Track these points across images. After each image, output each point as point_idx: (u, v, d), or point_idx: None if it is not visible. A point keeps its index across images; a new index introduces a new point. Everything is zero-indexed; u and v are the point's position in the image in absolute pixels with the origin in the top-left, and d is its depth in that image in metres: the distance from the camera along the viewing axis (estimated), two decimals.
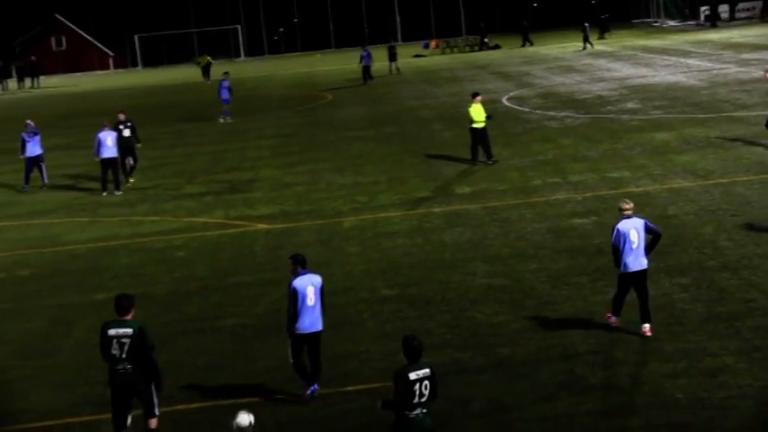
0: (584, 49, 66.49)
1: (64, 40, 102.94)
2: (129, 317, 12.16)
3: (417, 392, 10.44)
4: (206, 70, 69.31)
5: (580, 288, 17.22)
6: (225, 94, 43.66)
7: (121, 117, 30.14)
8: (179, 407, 13.58)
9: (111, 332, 12.04)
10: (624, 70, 51.33)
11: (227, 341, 16.11)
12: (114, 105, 53.80)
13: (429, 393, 10.53)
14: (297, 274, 13.49)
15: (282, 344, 14.01)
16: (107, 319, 12.54)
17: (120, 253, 22.39)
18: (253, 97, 54.34)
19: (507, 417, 12.67)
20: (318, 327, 13.52)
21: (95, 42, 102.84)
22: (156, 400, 12.34)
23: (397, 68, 61.60)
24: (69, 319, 17.90)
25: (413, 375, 10.50)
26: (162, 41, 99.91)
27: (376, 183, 27.71)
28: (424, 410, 10.54)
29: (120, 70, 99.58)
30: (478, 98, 29.30)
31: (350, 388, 13.74)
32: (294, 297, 13.32)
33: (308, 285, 13.42)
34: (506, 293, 17.30)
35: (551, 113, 37.89)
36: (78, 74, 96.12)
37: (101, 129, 29.13)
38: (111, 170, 28.88)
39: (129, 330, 12.00)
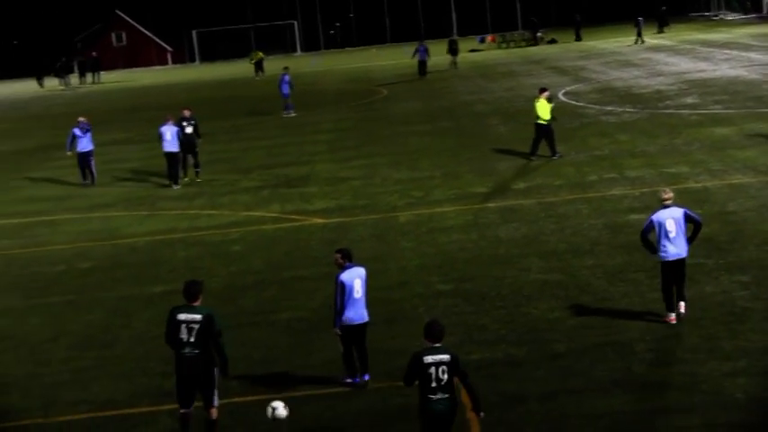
0: (637, 43, 65.85)
1: (124, 35, 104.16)
2: (198, 303, 12.39)
3: (434, 376, 10.56)
4: (259, 66, 69.49)
5: (637, 284, 17.08)
6: (285, 89, 43.82)
7: (186, 113, 30.13)
8: (235, 399, 13.70)
9: (181, 317, 12.28)
10: (683, 64, 50.77)
11: (282, 335, 16.21)
12: (173, 100, 54.39)
13: (448, 379, 10.62)
14: (344, 268, 13.57)
15: (335, 338, 14.09)
16: (165, 311, 12.67)
17: (178, 246, 22.62)
18: (309, 92, 54.52)
19: (562, 413, 12.61)
20: (366, 318, 13.72)
21: (154, 38, 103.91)
22: (216, 391, 12.47)
23: (455, 63, 61.32)
24: (128, 312, 18.12)
25: (428, 359, 10.64)
26: (219, 37, 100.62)
27: (431, 177, 27.69)
28: (445, 395, 10.65)
29: (177, 65, 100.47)
30: (545, 93, 29.05)
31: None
32: (342, 290, 13.47)
33: (356, 278, 13.57)
34: (562, 289, 17.20)
35: (608, 108, 37.58)
36: (137, 69, 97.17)
37: (163, 122, 29.53)
38: (170, 164, 29.23)
39: (198, 316, 12.23)
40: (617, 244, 19.58)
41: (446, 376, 10.63)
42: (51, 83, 79.39)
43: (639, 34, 66.59)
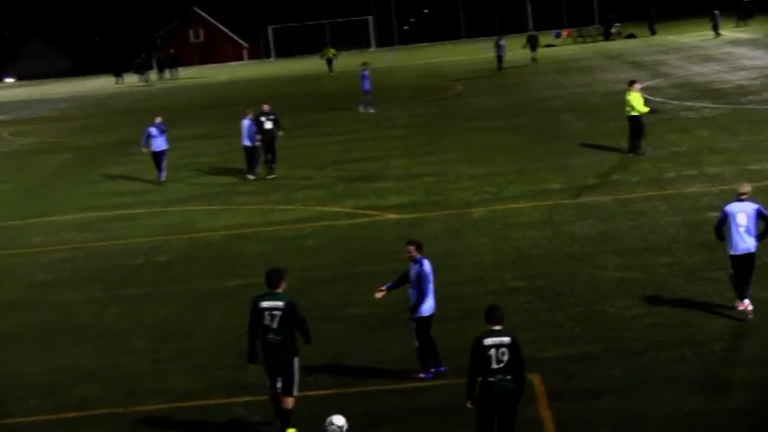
0: (714, 37, 64.81)
1: (201, 32, 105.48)
2: (280, 290, 12.65)
3: (494, 358, 10.77)
4: (330, 62, 69.73)
5: (716, 283, 16.81)
6: (367, 85, 43.64)
7: (265, 108, 30.22)
8: (309, 393, 13.79)
9: (264, 304, 12.54)
10: (766, 59, 49.80)
11: (355, 329, 16.27)
12: (249, 96, 54.90)
13: (509, 361, 10.81)
14: (418, 260, 13.70)
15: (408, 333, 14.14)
16: (240, 305, 12.82)
17: (252, 241, 22.83)
18: (383, 88, 54.61)
19: (639, 412, 12.46)
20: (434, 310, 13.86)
21: (231, 34, 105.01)
22: (296, 378, 12.65)
23: (535, 58, 61.10)
24: (204, 305, 18.34)
25: (488, 341, 10.85)
26: (294, 32, 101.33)
27: (505, 174, 27.56)
28: (507, 377, 10.83)
29: (253, 61, 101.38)
30: (636, 85, 28.64)
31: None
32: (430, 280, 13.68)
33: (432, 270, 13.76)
34: (639, 287, 17.00)
35: (688, 104, 37.03)
36: (214, 65, 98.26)
37: (243, 117, 29.85)
38: (246, 157, 29.56)
39: (281, 303, 12.52)
40: (695, 242, 19.30)
41: (506, 358, 10.82)
42: (130, 79, 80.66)
43: (715, 28, 65.53)
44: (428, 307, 13.81)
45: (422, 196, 25.82)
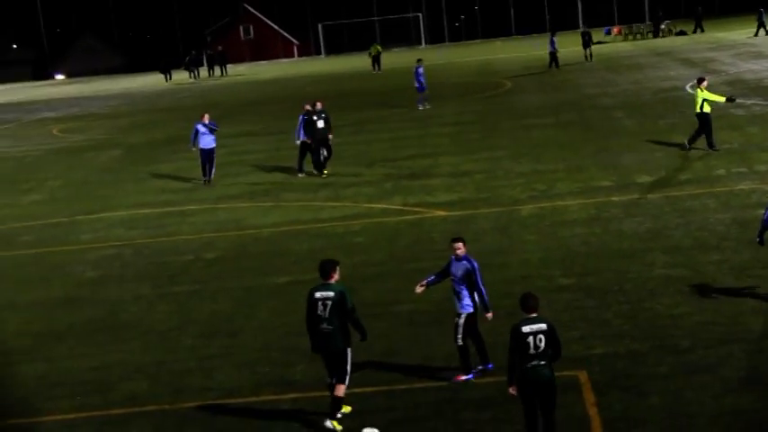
0: (757, 35, 63.99)
1: (251, 29, 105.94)
2: (332, 280, 12.97)
3: (532, 345, 11.09)
4: (376, 60, 69.17)
5: (765, 281, 16.61)
6: (421, 81, 43.11)
7: (318, 106, 29.94)
8: (356, 390, 13.83)
9: (317, 295, 12.88)
10: None
11: (403, 326, 16.29)
12: (298, 93, 55.13)
13: (545, 346, 11.12)
14: (465, 257, 13.75)
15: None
16: (288, 302, 12.90)
17: (301, 237, 22.93)
18: (433, 85, 54.51)
19: (687, 411, 12.36)
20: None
21: (281, 31, 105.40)
22: (348, 368, 12.86)
23: (590, 55, 59.47)
24: (252, 302, 18.45)
25: (526, 329, 11.17)
26: (344, 29, 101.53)
27: (554, 171, 27.43)
28: (542, 362, 11.14)
29: (303, 58, 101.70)
30: (705, 83, 28.27)
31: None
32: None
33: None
34: (687, 285, 16.85)
35: (738, 101, 36.60)
36: (264, 62, 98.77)
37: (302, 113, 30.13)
38: (301, 153, 29.88)
39: (332, 293, 12.83)
40: (745, 239, 19.07)
41: (543, 344, 11.13)
42: (181, 76, 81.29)
43: (762, 26, 64.74)
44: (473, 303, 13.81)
45: (470, 193, 25.78)
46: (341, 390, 12.85)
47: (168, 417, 13.69)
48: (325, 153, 30.01)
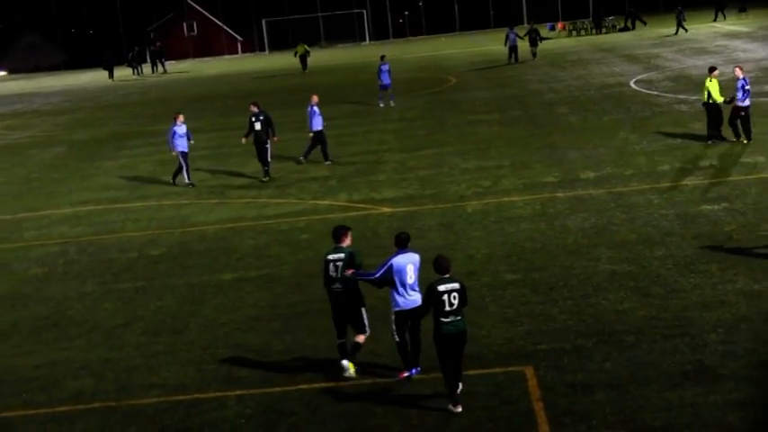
0: (677, 34, 65.04)
1: (195, 25, 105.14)
2: (343, 244, 14.16)
3: (447, 302, 12.49)
4: (303, 60, 67.59)
5: (709, 276, 16.84)
6: (386, 78, 42.34)
7: (253, 109, 28.86)
8: (302, 386, 13.81)
9: (330, 257, 14.09)
10: (761, 51, 49.83)
11: None
12: (242, 89, 54.82)
13: (459, 303, 12.56)
14: (397, 253, 13.69)
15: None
16: (234, 298, 12.81)
17: (246, 234, 22.82)
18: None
19: (631, 405, 12.48)
20: (417, 303, 13.57)
21: (225, 27, 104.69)
22: (365, 321, 14.17)
23: (536, 53, 57.86)
24: (198, 299, 18.33)
25: (441, 288, 12.55)
26: (289, 26, 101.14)
27: (499, 167, 27.56)
28: (458, 317, 12.60)
29: (247, 54, 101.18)
30: (716, 72, 28.35)
31: (471, 372, 13.71)
32: (391, 273, 13.59)
33: (409, 263, 13.60)
34: (632, 280, 17.02)
35: (682, 97, 37.06)
36: (208, 58, 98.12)
37: (308, 104, 30.49)
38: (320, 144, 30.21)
39: (342, 255, 14.04)
40: (689, 235, 19.32)
41: (457, 301, 12.54)
42: (124, 72, 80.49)
43: (680, 24, 65.93)
44: (398, 302, 13.66)
45: (416, 190, 25.82)
46: (361, 338, 14.12)
47: (114, 413, 13.57)
48: (263, 159, 28.64)
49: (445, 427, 12.30)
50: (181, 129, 29.18)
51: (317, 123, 30.26)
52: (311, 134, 30.50)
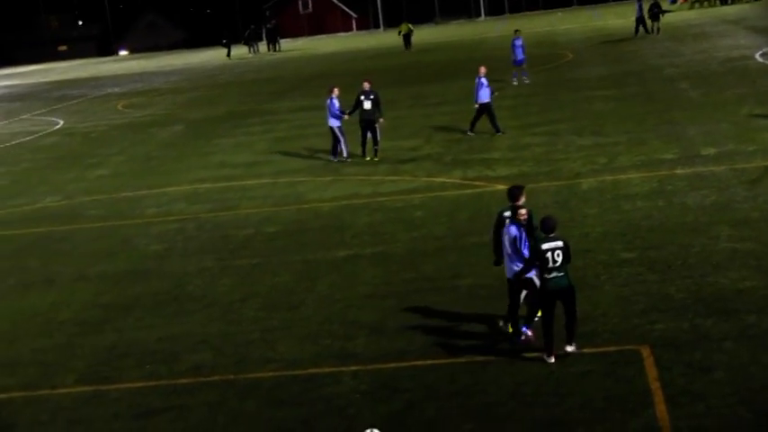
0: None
1: (309, 2, 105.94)
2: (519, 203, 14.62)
3: (551, 259, 13.20)
4: (407, 39, 66.39)
5: None
6: (519, 54, 41.27)
7: (366, 86, 28.41)
8: (417, 363, 13.87)
9: (506, 214, 14.66)
10: None
11: (463, 301, 16.25)
12: (356, 67, 55.08)
13: (562, 260, 13.27)
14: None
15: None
16: (348, 275, 12.84)
17: (361, 212, 22.97)
18: (494, 57, 54.23)
19: (751, 386, 12.19)
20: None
21: (339, 4, 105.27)
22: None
23: (658, 29, 56.13)
24: (313, 275, 18.54)
25: (545, 246, 13.28)
26: (403, 2, 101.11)
27: (616, 144, 27.14)
28: (560, 274, 13.28)
29: (362, 32, 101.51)
30: None
31: (586, 350, 13.59)
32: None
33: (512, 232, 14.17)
34: (754, 259, 16.59)
35: None
36: (322, 36, 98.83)
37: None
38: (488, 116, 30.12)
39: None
40: None
41: (560, 258, 13.25)
42: (241, 51, 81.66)
43: None
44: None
45: (531, 167, 25.61)
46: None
47: (232, 387, 13.84)
48: (371, 136, 28.34)
49: (560, 405, 12.23)
50: (335, 103, 28.44)
51: (485, 95, 30.07)
52: (477, 106, 30.35)
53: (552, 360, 13.31)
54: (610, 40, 56.47)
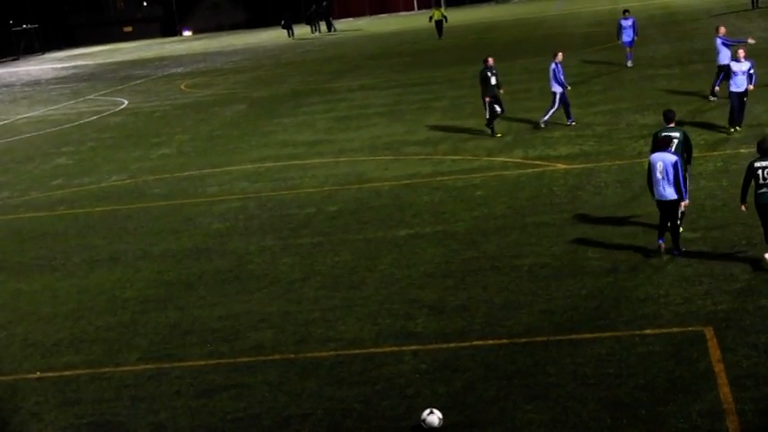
0: None
1: None
2: (673, 124, 17.54)
3: (761, 176, 15.19)
4: (439, 26, 62.62)
5: None
6: (628, 35, 38.79)
7: (490, 62, 28.58)
8: (476, 342, 13.87)
9: (663, 134, 17.01)
10: None
11: (524, 280, 16.21)
12: (418, 47, 54.69)
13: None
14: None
15: (578, 284, 14.00)
16: (409, 254, 12.86)
17: (422, 191, 22.96)
18: (554, 36, 53.76)
19: None
20: (668, 197, 16.20)
21: None
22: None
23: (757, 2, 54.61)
24: (374, 254, 18.59)
25: (757, 164, 15.26)
26: None
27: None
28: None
29: (423, 11, 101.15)
30: None
31: (648, 331, 13.50)
32: (648, 168, 16.47)
33: (659, 161, 16.13)
34: None
35: None
36: (384, 15, 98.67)
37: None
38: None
39: (677, 134, 17.14)
40: None
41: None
42: (302, 30, 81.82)
43: None
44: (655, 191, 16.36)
45: (592, 146, 25.40)
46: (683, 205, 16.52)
47: (293, 366, 13.95)
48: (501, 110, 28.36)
49: (622, 386, 12.16)
50: (559, 68, 28.08)
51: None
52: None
53: None
54: (672, 18, 55.60)
